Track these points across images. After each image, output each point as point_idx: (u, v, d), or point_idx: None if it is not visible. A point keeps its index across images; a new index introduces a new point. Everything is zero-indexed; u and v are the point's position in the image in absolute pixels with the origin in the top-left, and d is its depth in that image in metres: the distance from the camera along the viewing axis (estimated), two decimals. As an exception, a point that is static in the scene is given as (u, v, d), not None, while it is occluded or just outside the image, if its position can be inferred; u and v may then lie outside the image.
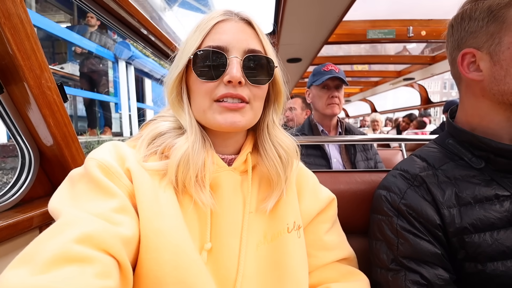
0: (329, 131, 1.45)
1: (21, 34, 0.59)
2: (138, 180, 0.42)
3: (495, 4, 0.53)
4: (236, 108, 0.46)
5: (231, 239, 0.47)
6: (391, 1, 2.52)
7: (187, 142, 0.46)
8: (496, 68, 0.54)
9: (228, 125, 0.46)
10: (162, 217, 0.41)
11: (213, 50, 0.45)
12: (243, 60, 0.46)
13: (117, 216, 0.37)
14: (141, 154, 0.46)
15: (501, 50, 0.53)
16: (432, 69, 3.86)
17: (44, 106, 0.67)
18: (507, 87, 0.54)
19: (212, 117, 0.46)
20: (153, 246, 0.39)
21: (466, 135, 0.60)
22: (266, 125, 0.54)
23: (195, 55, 0.46)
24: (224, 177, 0.49)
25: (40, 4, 5.76)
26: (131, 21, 1.10)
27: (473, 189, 0.55)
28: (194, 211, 0.46)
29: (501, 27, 0.53)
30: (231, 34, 0.47)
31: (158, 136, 0.49)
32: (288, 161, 0.53)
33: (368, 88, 6.10)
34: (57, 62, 5.94)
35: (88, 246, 0.32)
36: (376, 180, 0.80)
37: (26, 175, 0.75)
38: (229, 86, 0.45)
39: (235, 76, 0.44)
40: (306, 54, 2.70)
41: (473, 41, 0.57)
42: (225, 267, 0.45)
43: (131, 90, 6.29)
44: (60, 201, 0.39)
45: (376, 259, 0.60)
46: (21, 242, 0.66)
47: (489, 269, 0.50)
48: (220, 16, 0.48)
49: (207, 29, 0.47)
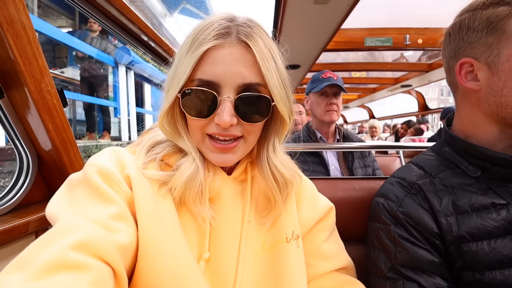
0: (327, 138, 1.46)
1: (23, 40, 0.60)
2: (137, 188, 0.42)
3: (494, 16, 0.53)
4: (227, 149, 0.45)
5: (229, 249, 0.46)
6: (389, 10, 2.58)
7: (194, 163, 0.46)
8: (494, 79, 0.55)
9: (220, 163, 0.47)
10: (160, 226, 0.41)
11: (202, 89, 0.42)
12: (235, 100, 0.43)
13: (115, 223, 0.37)
14: (140, 160, 0.46)
15: (500, 62, 0.53)
16: (429, 76, 3.92)
17: (44, 111, 0.67)
18: (503, 100, 0.54)
19: (205, 152, 0.47)
20: (151, 255, 0.39)
21: (462, 143, 0.61)
22: (266, 148, 0.51)
23: (184, 93, 0.43)
24: (224, 186, 0.49)
25: (42, 9, 5.82)
26: (132, 28, 1.11)
27: (470, 198, 0.55)
28: (193, 220, 0.46)
29: (500, 38, 0.53)
30: (224, 65, 0.42)
31: (157, 144, 0.49)
32: (285, 186, 0.51)
33: (366, 94, 6.16)
34: (58, 67, 5.96)
35: (83, 253, 0.32)
36: (374, 187, 0.80)
37: (24, 180, 0.75)
38: (219, 127, 0.44)
39: (224, 122, 0.42)
40: (304, 61, 2.73)
41: (471, 51, 0.57)
42: (223, 277, 0.45)
43: (131, 95, 6.31)
44: (57, 206, 0.39)
45: (374, 267, 0.60)
46: (17, 247, 0.65)
47: (487, 278, 0.50)
48: (213, 40, 0.41)
49: (198, 56, 0.41)
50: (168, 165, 0.48)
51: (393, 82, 4.79)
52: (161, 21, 1.66)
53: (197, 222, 0.46)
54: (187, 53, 0.43)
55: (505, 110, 0.54)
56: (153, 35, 1.26)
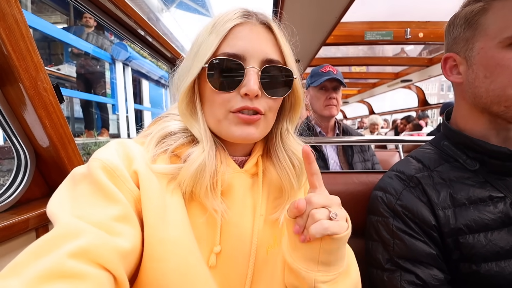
0: (327, 133, 1.46)
1: (16, 34, 0.59)
2: (145, 185, 0.40)
3: (470, 11, 0.56)
4: (252, 121, 0.44)
5: (241, 243, 0.46)
6: (389, 3, 2.54)
7: (203, 153, 0.44)
8: (469, 72, 0.57)
9: (242, 137, 0.45)
10: (168, 225, 0.39)
11: (229, 59, 0.43)
12: (260, 71, 0.44)
13: (118, 225, 0.36)
14: (149, 153, 0.44)
15: (473, 55, 0.56)
16: (429, 71, 3.89)
17: (40, 107, 0.67)
18: (477, 91, 0.56)
19: (227, 127, 0.45)
20: (157, 255, 0.38)
21: (461, 136, 0.61)
22: (280, 132, 0.52)
23: (211, 64, 0.43)
24: (236, 179, 0.48)
25: (36, 5, 5.73)
26: (128, 22, 1.09)
27: (468, 191, 0.56)
28: (203, 213, 0.44)
29: (474, 33, 0.55)
30: (249, 40, 0.44)
31: (168, 136, 0.47)
32: (302, 170, 0.51)
33: (366, 89, 6.14)
34: (54, 64, 5.90)
35: (82, 261, 0.31)
36: (373, 181, 0.81)
37: (22, 177, 0.74)
38: (245, 98, 0.44)
39: (252, 90, 0.42)
40: (304, 55, 2.71)
41: (455, 46, 0.60)
42: (235, 271, 0.44)
43: (129, 92, 6.27)
44: (59, 204, 0.37)
45: (372, 259, 0.61)
46: (17, 244, 0.65)
47: (483, 269, 0.51)
48: (237, 19, 0.44)
49: (224, 33, 0.43)
50: (178, 157, 0.46)
51: (393, 77, 4.76)
52: (158, 16, 1.64)
53: (208, 214, 0.44)
54: (211, 33, 0.44)
55: (480, 100, 0.56)
56: (150, 30, 1.24)
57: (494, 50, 0.52)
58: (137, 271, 0.39)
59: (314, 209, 0.38)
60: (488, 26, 0.53)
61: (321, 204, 0.38)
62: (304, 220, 0.39)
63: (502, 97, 0.53)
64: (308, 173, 0.43)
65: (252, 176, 0.51)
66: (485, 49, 0.54)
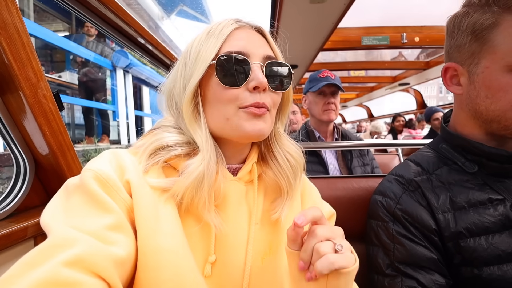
0: (326, 137, 1.46)
1: (17, 43, 0.60)
2: (138, 194, 0.40)
3: (479, 24, 0.53)
4: (262, 113, 0.45)
5: (235, 252, 0.45)
6: (385, 9, 2.58)
7: (202, 165, 0.42)
8: (471, 87, 0.56)
9: (255, 133, 0.45)
10: (161, 235, 0.39)
11: (235, 55, 0.44)
12: (264, 66, 0.46)
13: (112, 234, 0.36)
14: (142, 164, 0.43)
15: (477, 72, 0.55)
16: (426, 74, 3.93)
17: (39, 115, 0.67)
18: (478, 108, 0.56)
19: (237, 124, 0.44)
20: (151, 265, 0.37)
21: (459, 139, 0.61)
22: (274, 134, 0.53)
23: (219, 60, 0.44)
24: (229, 188, 0.47)
25: (37, 13, 5.81)
26: (128, 30, 1.11)
27: (467, 194, 0.56)
28: (197, 223, 0.44)
29: (481, 48, 0.53)
30: (249, 41, 0.47)
31: (163, 149, 0.46)
32: (298, 168, 0.52)
33: (364, 93, 6.17)
34: (55, 71, 5.95)
35: (77, 269, 0.30)
36: (372, 185, 0.80)
37: (21, 185, 0.74)
38: (254, 93, 0.44)
39: (262, 82, 0.44)
40: (302, 60, 2.73)
41: (458, 55, 0.58)
42: (230, 281, 0.44)
43: (129, 98, 6.30)
44: (52, 215, 0.37)
45: (373, 265, 0.60)
46: (16, 253, 0.64)
47: (485, 273, 0.50)
48: (234, 24, 0.47)
49: (224, 36, 0.45)
50: (174, 168, 0.46)
51: (391, 81, 4.80)
52: (158, 24, 1.67)
53: (202, 224, 0.44)
54: (209, 38, 0.46)
55: (480, 116, 0.56)
56: (150, 38, 1.26)
57: (499, 72, 0.51)
58: (132, 280, 0.38)
59: (319, 243, 0.36)
60: (497, 44, 0.51)
61: (326, 237, 0.36)
62: (309, 254, 0.37)
63: (502, 118, 0.53)
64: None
65: (246, 184, 0.51)
66: (490, 69, 0.52)
